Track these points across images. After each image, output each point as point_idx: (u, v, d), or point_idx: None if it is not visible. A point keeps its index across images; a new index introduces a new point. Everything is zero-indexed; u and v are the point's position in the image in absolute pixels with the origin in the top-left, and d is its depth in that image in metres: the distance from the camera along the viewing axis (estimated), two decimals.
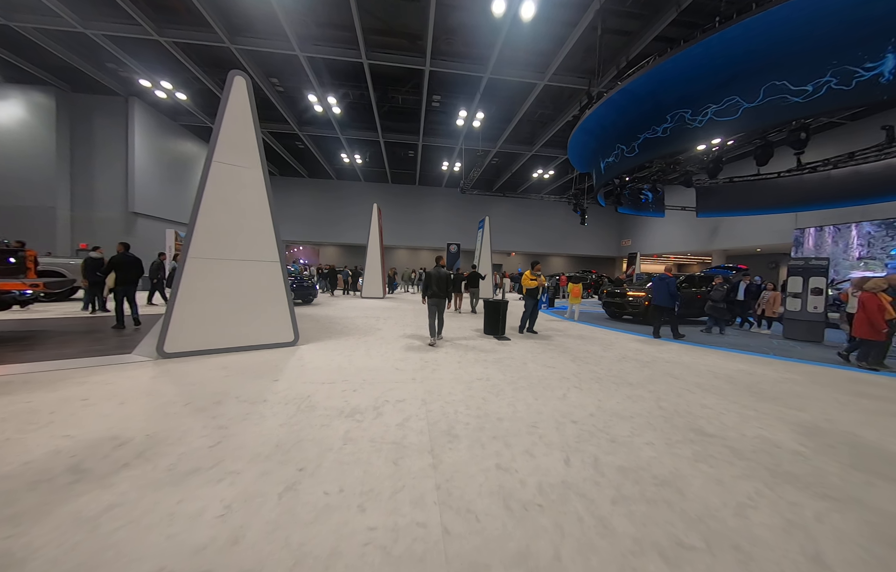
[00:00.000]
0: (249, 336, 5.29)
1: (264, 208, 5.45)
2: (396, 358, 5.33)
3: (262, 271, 5.43)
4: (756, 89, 7.98)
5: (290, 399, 3.54)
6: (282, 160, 24.61)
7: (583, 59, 14.34)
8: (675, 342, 7.62)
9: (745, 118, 8.26)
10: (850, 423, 3.52)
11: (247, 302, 5.29)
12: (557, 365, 5.28)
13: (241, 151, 5.23)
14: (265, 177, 5.46)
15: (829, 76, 7.19)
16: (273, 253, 5.54)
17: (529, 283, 7.73)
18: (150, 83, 15.60)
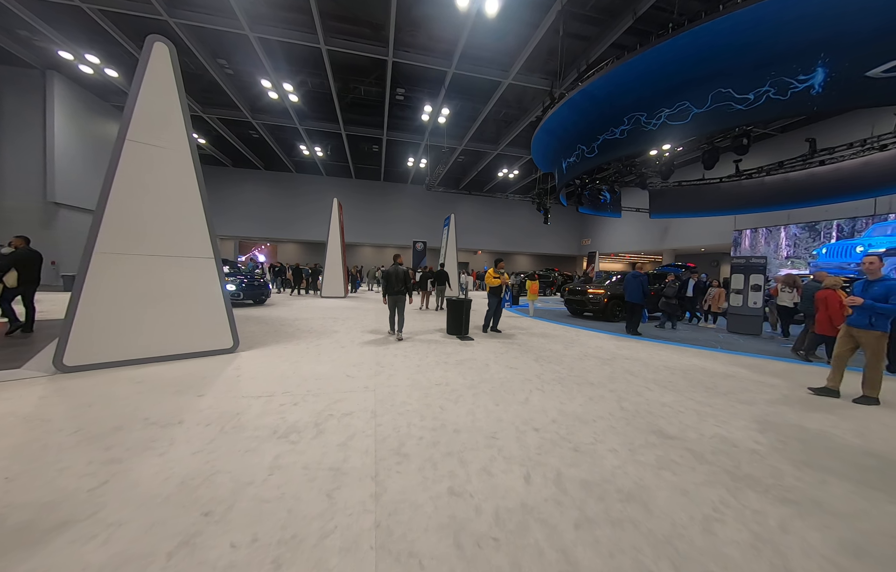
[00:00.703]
0: (176, 343, 4.59)
1: (194, 197, 4.75)
2: (350, 363, 4.88)
3: (191, 268, 4.74)
4: (705, 95, 8.32)
5: (213, 418, 3.01)
6: (234, 150, 22.84)
7: (546, 61, 14.50)
8: (633, 338, 7.77)
9: (694, 123, 8.60)
10: (794, 416, 3.60)
11: (172, 304, 4.58)
12: (520, 365, 5.10)
13: (162, 130, 4.51)
14: (195, 162, 4.76)
15: (767, 86, 7.60)
16: (206, 248, 4.86)
17: (492, 282, 7.54)
18: (72, 55, 13.71)
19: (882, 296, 3.81)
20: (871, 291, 3.90)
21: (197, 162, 4.78)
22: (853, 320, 4.00)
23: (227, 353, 5.03)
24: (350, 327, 7.77)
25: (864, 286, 4.01)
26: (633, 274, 8.32)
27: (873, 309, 3.81)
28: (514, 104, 17.66)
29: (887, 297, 3.78)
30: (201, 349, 4.81)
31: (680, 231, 23.16)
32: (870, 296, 3.87)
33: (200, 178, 4.81)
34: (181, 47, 13.35)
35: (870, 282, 3.98)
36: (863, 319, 3.90)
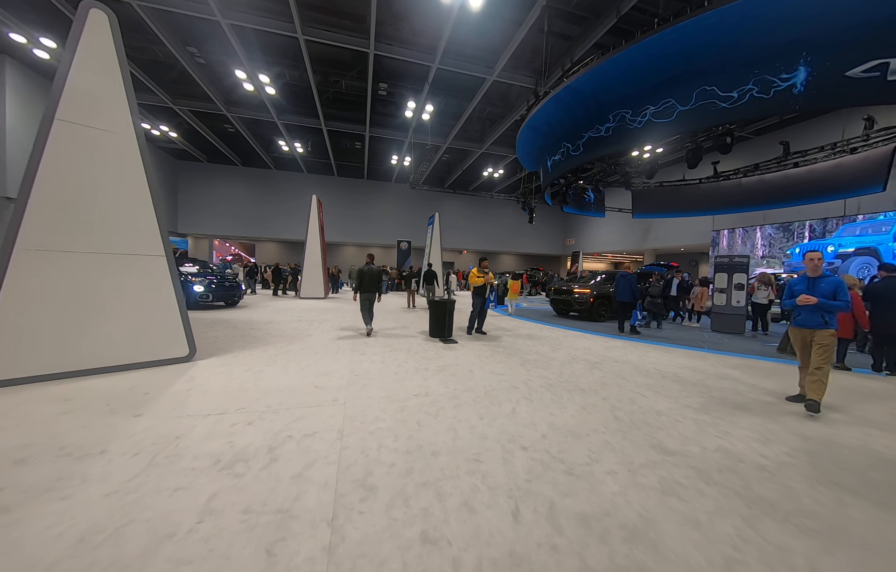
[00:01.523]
0: (119, 353, 4.03)
1: (140, 187, 4.19)
2: (320, 372, 4.41)
3: (138, 268, 4.17)
4: (689, 93, 8.20)
5: (145, 445, 2.52)
6: (209, 145, 21.74)
7: (530, 59, 14.30)
8: (620, 338, 7.57)
9: (679, 121, 8.48)
10: (794, 423, 3.38)
11: (114, 308, 4.01)
12: (506, 371, 4.75)
13: (101, 110, 3.93)
14: (142, 148, 4.20)
15: (751, 84, 7.52)
16: (155, 245, 4.30)
17: (476, 281, 7.20)
18: (25, 39, 12.59)
19: (830, 293, 3.63)
20: (820, 289, 3.68)
21: (144, 148, 4.22)
22: (804, 321, 3.76)
23: (181, 362, 4.48)
24: (325, 330, 7.26)
25: (809, 285, 3.78)
26: (622, 273, 8.15)
27: (827, 307, 3.61)
28: (498, 102, 17.41)
29: (835, 294, 3.61)
30: (150, 358, 4.25)
31: (661, 231, 23.47)
32: (818, 293, 3.66)
33: (149, 167, 4.25)
34: (147, 33, 12.48)
35: (813, 279, 3.78)
36: (816, 318, 3.68)
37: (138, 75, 14.74)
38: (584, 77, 9.21)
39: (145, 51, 13.95)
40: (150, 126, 18.83)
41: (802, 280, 3.88)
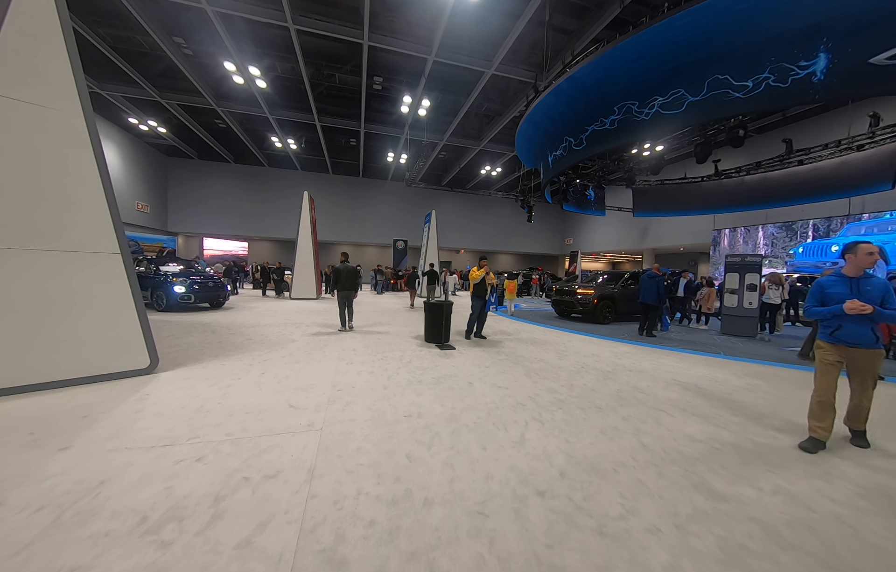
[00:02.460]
0: (62, 366, 3.43)
1: (90, 174, 3.58)
2: (299, 385, 3.84)
3: (87, 268, 3.57)
4: (700, 82, 7.69)
5: (56, 495, 1.94)
6: (200, 141, 21.01)
7: (529, 53, 13.79)
8: (629, 343, 7.05)
9: (689, 112, 7.97)
10: (850, 451, 2.85)
11: (57, 314, 3.41)
12: (510, 383, 4.19)
13: (38, 83, 3.33)
14: (91, 129, 3.59)
15: (767, 72, 7.02)
16: (107, 241, 3.69)
17: (476, 274, 6.64)
18: None
19: (878, 298, 2.72)
20: (866, 293, 2.74)
21: (94, 129, 3.61)
22: (851, 335, 2.76)
23: (140, 375, 3.88)
24: (312, 335, 6.67)
25: (853, 287, 2.81)
26: (648, 273, 7.70)
27: (885, 317, 2.70)
28: (496, 98, 16.89)
29: (883, 300, 2.71)
30: (102, 371, 3.65)
31: (660, 230, 23.05)
32: (865, 298, 2.71)
33: (99, 151, 3.64)
34: (130, 22, 11.82)
35: (857, 280, 2.83)
36: (866, 334, 2.72)
37: (124, 68, 14.06)
38: (587, 67, 8.69)
39: (130, 41, 13.27)
40: (138, 121, 18.09)
41: (839, 281, 2.89)
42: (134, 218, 19.64)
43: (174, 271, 9.07)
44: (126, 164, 19.12)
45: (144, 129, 19.02)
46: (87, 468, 2.21)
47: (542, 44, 12.92)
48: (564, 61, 12.73)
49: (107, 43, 13.15)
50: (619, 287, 9.74)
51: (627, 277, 10.04)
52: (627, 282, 9.95)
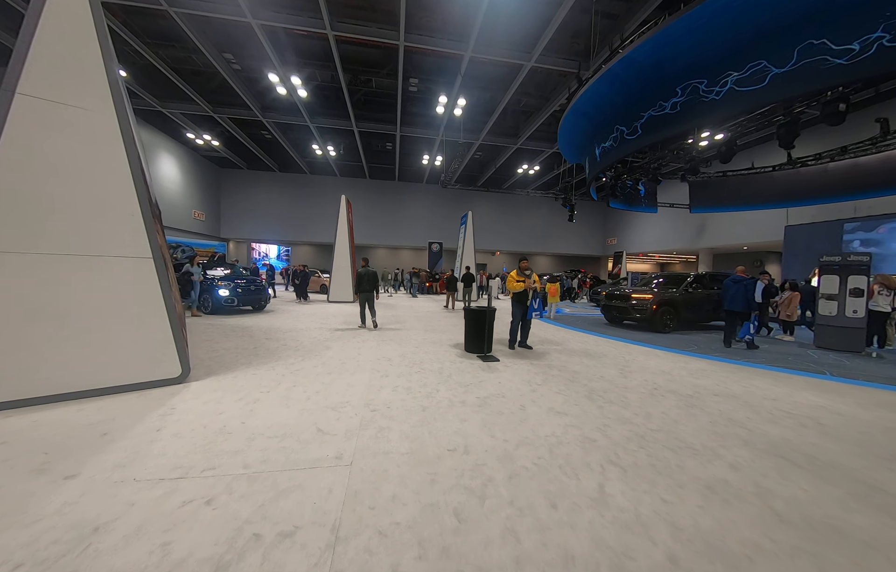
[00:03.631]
0: (92, 375, 3.27)
1: (122, 176, 3.43)
2: (329, 403, 3.42)
3: (117, 272, 3.41)
4: (789, 50, 6.45)
5: (39, 546, 1.59)
6: (249, 152, 22.15)
7: (572, 42, 12.86)
8: (702, 357, 5.99)
9: (773, 87, 6.73)
10: None
11: (88, 321, 3.26)
12: (570, 408, 3.49)
13: (73, 83, 3.21)
14: (124, 128, 3.44)
15: (881, 31, 5.69)
16: (140, 245, 3.52)
17: (515, 286, 5.96)
18: None
19: None
20: None
21: (128, 128, 3.46)
22: None
23: (170, 385, 3.68)
24: (347, 341, 6.34)
25: None
26: (734, 277, 6.68)
27: None
28: (534, 93, 16.02)
29: None
30: (132, 381, 3.47)
31: (719, 227, 20.70)
32: None
33: (133, 151, 3.48)
34: (186, 42, 12.51)
35: None
36: None
37: (181, 86, 14.99)
38: (645, 44, 7.68)
39: (187, 61, 14.11)
40: (195, 135, 19.36)
41: None
42: (191, 225, 21.05)
43: (218, 275, 9.28)
44: (184, 176, 20.54)
45: (200, 143, 20.32)
46: (87, 506, 1.88)
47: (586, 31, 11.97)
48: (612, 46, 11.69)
49: (167, 64, 14.05)
50: (683, 291, 8.54)
51: (692, 280, 8.79)
52: (692, 285, 8.71)
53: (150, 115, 17.76)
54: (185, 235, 20.26)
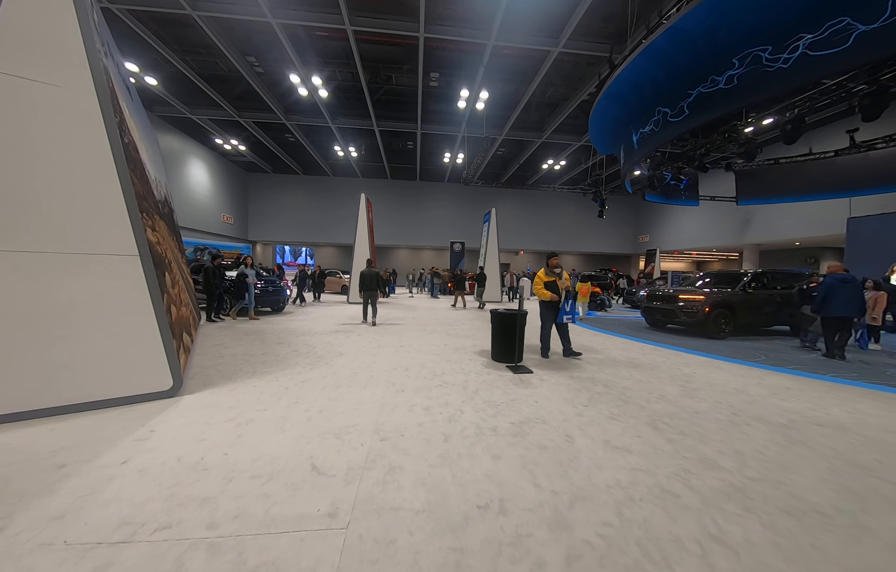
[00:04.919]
0: (66, 389, 2.84)
1: (104, 163, 2.99)
2: (332, 428, 2.82)
3: (98, 273, 2.98)
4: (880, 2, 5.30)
5: None
6: (274, 156, 22.42)
7: (602, 25, 11.86)
8: (778, 371, 4.97)
9: (858, 48, 5.57)
10: None
11: (63, 328, 2.84)
12: (631, 439, 2.72)
13: (48, 59, 2.79)
14: (106, 110, 3.00)
15: None
16: (124, 241, 3.08)
17: (544, 292, 5.12)
18: None
19: None
20: None
21: (109, 111, 3.02)
22: None
23: (160, 399, 3.22)
24: (362, 346, 5.79)
25: None
26: (839, 277, 5.62)
27: None
28: (560, 83, 15.05)
29: None
30: (116, 395, 3.03)
31: (766, 221, 18.75)
32: None
33: (116, 136, 3.04)
34: (211, 48, 12.55)
35: None
36: None
37: (208, 92, 15.17)
38: (695, 11, 6.67)
39: (213, 67, 14.22)
40: (222, 140, 19.74)
41: None
42: (220, 228, 21.52)
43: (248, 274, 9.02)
44: (213, 181, 21.01)
45: (228, 148, 20.72)
46: None
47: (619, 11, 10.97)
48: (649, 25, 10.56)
49: (194, 70, 14.22)
50: (740, 291, 7.41)
51: (750, 279, 7.62)
52: (750, 285, 7.54)
53: (180, 122, 18.21)
54: (215, 238, 20.71)
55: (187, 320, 4.78)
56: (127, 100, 4.11)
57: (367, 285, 8.16)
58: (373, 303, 8.22)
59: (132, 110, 4.40)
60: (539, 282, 5.18)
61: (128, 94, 4.30)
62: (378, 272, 8.46)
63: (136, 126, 4.23)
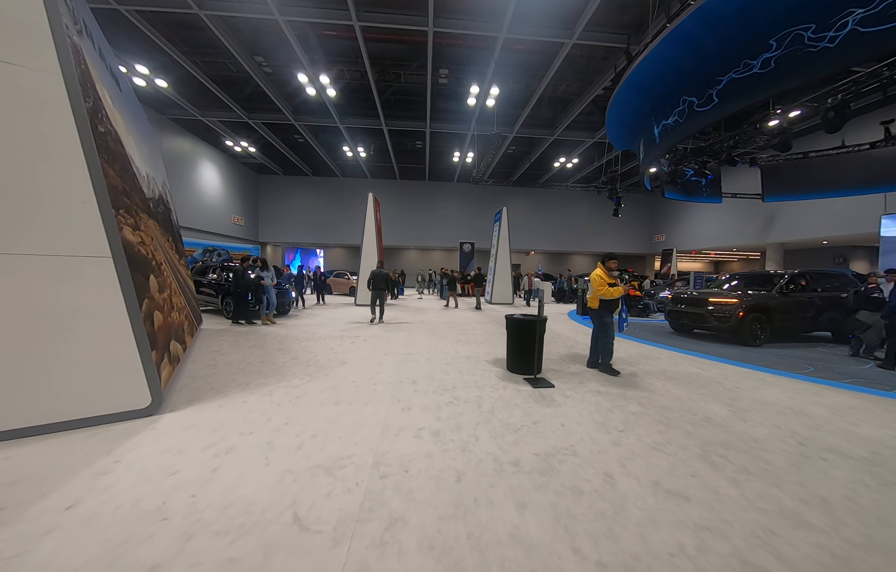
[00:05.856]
0: (26, 409, 2.48)
1: (71, 152, 2.63)
2: (324, 458, 2.38)
3: (68, 276, 2.61)
4: None
5: None
6: (283, 158, 22.30)
7: (619, 14, 11.24)
8: (830, 385, 4.35)
9: None
10: None
11: (19, 338, 2.48)
12: (685, 480, 2.20)
13: (4, 33, 2.43)
14: (74, 94, 2.63)
15: None
16: (95, 241, 2.71)
17: (608, 291, 4.44)
18: (124, 68, 13.37)
19: None
20: None
21: (77, 94, 2.65)
22: None
23: (135, 418, 2.84)
24: (366, 355, 5.35)
25: None
26: None
27: None
28: (573, 78, 14.44)
29: None
30: (85, 414, 2.66)
31: (791, 219, 17.72)
32: None
33: (85, 123, 2.67)
34: (221, 49, 12.38)
35: None
36: None
37: (218, 94, 15.05)
38: None
39: (222, 67, 14.07)
40: (233, 143, 19.69)
41: None
42: (231, 230, 21.50)
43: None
44: (224, 183, 21.00)
45: (238, 150, 20.68)
46: None
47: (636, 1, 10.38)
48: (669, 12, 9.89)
49: (204, 72, 14.10)
50: (778, 294, 6.74)
51: (788, 280, 6.93)
52: (788, 286, 6.86)
53: (191, 125, 18.20)
54: (226, 239, 20.69)
55: (179, 327, 4.43)
56: (111, 88, 3.78)
57: (377, 284, 8.56)
58: (381, 301, 8.63)
59: (119, 101, 4.07)
60: (603, 283, 4.49)
61: (113, 83, 3.98)
62: (387, 273, 8.86)
63: (121, 118, 3.90)
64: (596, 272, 4.65)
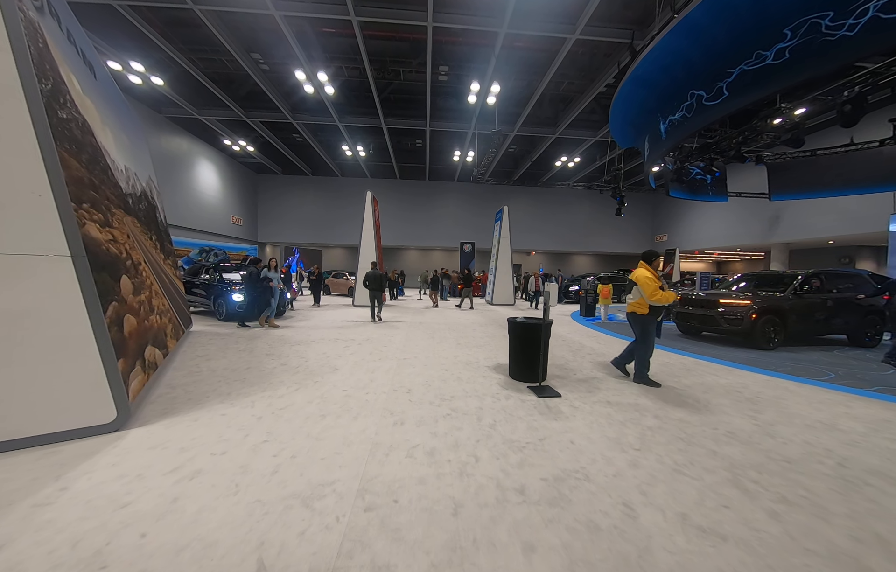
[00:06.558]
0: None
1: (21, 143, 2.34)
2: (303, 485, 2.08)
3: (19, 277, 2.32)
4: None
5: None
6: (282, 157, 22.03)
7: (623, 9, 10.97)
8: (858, 393, 4.03)
9: None
10: None
11: None
12: (717, 513, 1.89)
13: None
14: (25, 74, 2.35)
15: None
16: (52, 238, 2.42)
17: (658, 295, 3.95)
18: (119, 65, 13.12)
19: None
20: None
21: (29, 74, 2.36)
22: None
23: (98, 434, 2.55)
24: (360, 361, 5.05)
25: None
26: None
27: None
28: (575, 76, 14.16)
29: None
30: (39, 431, 2.37)
31: (797, 218, 17.37)
32: None
33: (39, 107, 2.38)
34: (218, 47, 12.11)
35: None
36: None
37: (216, 92, 14.80)
38: None
39: (219, 65, 13.82)
40: (231, 142, 19.42)
41: None
42: (229, 230, 21.23)
43: (234, 278, 8.46)
44: (223, 183, 20.74)
45: (236, 149, 20.41)
46: None
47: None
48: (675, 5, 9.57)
49: (201, 70, 13.84)
50: (792, 295, 6.42)
51: (802, 281, 6.62)
52: (802, 287, 6.55)
53: (189, 123, 17.93)
54: (224, 240, 20.42)
55: (159, 331, 4.14)
56: (81, 73, 3.49)
57: (372, 285, 8.87)
58: (378, 301, 9.07)
59: (94, 89, 3.79)
60: (655, 286, 3.96)
61: (86, 69, 3.69)
62: (381, 274, 9.25)
63: (94, 106, 3.61)
64: (642, 272, 4.12)
